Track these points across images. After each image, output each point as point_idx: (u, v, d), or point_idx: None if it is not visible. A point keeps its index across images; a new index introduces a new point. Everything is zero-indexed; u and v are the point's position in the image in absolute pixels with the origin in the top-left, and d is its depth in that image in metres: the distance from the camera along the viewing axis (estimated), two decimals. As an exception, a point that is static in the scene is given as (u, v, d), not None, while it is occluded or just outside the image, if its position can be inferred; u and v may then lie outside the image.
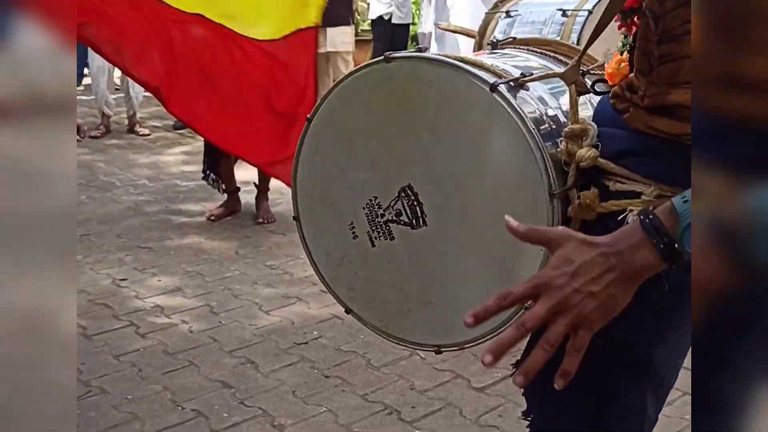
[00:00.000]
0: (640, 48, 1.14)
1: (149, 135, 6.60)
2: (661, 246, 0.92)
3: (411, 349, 1.49)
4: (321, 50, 6.80)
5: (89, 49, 6.16)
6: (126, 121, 6.74)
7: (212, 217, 4.49)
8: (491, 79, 1.21)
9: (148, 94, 7.20)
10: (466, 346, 1.34)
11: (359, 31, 9.41)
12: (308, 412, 2.61)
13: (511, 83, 1.26)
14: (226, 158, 4.47)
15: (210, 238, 4.24)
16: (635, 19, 1.23)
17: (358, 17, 9.76)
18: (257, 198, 4.56)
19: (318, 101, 1.39)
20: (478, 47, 2.45)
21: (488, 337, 1.29)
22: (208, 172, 4.54)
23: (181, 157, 5.94)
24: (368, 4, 8.23)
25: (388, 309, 1.39)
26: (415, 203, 1.29)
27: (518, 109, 1.19)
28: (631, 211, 1.11)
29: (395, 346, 3.01)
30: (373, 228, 1.34)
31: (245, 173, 4.70)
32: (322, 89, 7.23)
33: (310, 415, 2.59)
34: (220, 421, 2.56)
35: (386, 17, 7.61)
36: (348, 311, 1.45)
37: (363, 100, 1.34)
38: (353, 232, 1.36)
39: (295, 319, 3.28)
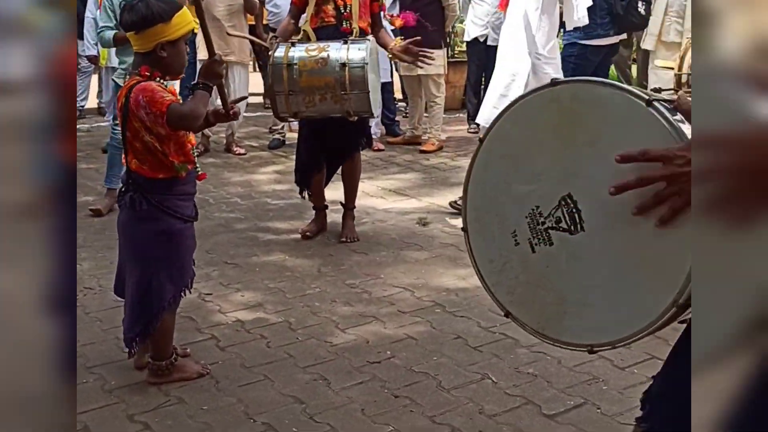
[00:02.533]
0: None
1: (245, 154, 6.82)
2: None
3: (565, 349, 1.60)
4: (413, 73, 6.89)
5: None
6: (224, 141, 6.98)
7: (308, 234, 4.57)
8: (647, 96, 1.35)
9: (247, 114, 7.48)
10: (618, 345, 1.48)
11: (456, 52, 9.44)
12: (375, 430, 2.63)
13: (666, 103, 1.39)
14: (317, 175, 4.57)
15: (294, 255, 4.33)
16: None
17: (456, 38, 9.80)
18: (344, 216, 4.63)
19: (490, 124, 1.59)
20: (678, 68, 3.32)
21: (643, 334, 1.42)
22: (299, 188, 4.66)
23: (273, 176, 6.10)
24: (465, 26, 8.25)
25: (545, 312, 1.53)
26: (574, 210, 1.44)
27: (673, 122, 1.31)
28: None
29: (467, 369, 3.01)
30: (534, 235, 1.50)
31: (332, 193, 4.79)
32: (413, 110, 7.30)
33: (376, 434, 2.61)
34: (288, 435, 2.61)
35: (481, 39, 7.60)
36: (507, 315, 1.62)
37: (531, 120, 1.51)
38: (515, 240, 1.53)
39: (370, 338, 3.30)
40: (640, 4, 5.73)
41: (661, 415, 1.42)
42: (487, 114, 5.04)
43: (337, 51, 4.17)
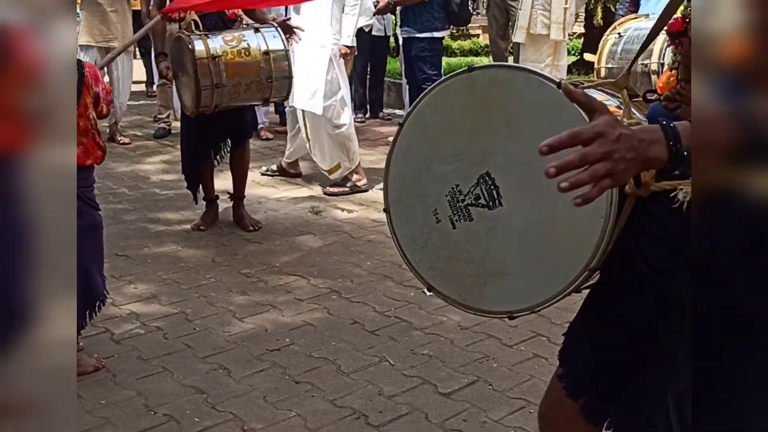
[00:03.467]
0: (685, 63, 1.45)
1: (129, 144, 6.65)
2: (673, 149, 1.19)
3: (486, 317, 1.71)
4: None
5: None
6: (107, 130, 6.77)
7: (201, 227, 4.51)
8: (557, 79, 1.45)
9: (130, 102, 7.29)
10: (537, 309, 1.56)
11: (341, 42, 9.50)
12: (278, 416, 2.68)
13: (575, 85, 1.50)
14: (207, 168, 4.53)
15: (187, 246, 4.30)
16: (681, 40, 1.53)
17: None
18: (236, 207, 4.61)
19: (409, 108, 1.66)
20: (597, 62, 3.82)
21: (557, 299, 1.52)
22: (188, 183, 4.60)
23: (161, 166, 5.99)
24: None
25: (466, 283, 1.62)
26: (492, 187, 1.53)
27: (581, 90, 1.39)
28: (681, 189, 1.37)
29: (365, 353, 3.10)
30: (455, 212, 1.59)
31: (220, 183, 4.77)
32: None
33: (279, 420, 2.66)
34: (191, 425, 2.62)
35: (366, 29, 7.69)
36: (430, 288, 1.68)
37: (449, 104, 1.59)
38: (436, 217, 1.61)
39: (268, 326, 3.34)
40: (469, 3, 6.56)
41: (578, 370, 1.58)
42: (297, 98, 5.15)
43: (255, 40, 4.22)
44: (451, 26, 6.87)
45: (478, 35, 11.79)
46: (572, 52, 10.84)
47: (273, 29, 4.33)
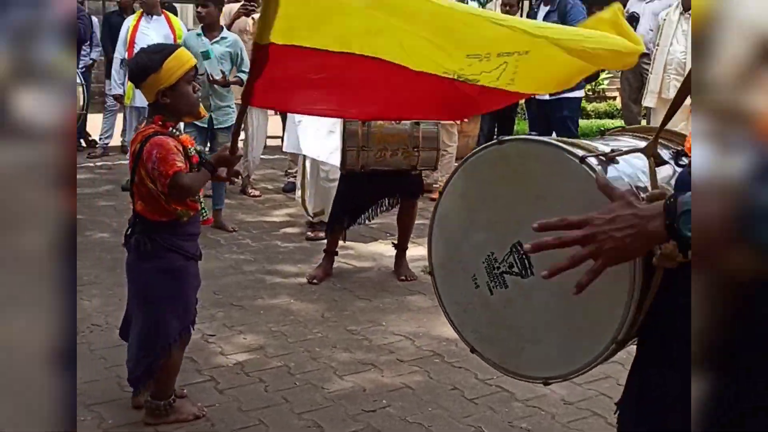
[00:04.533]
0: None
1: (259, 196, 6.91)
2: (667, 222, 1.25)
3: (524, 381, 1.83)
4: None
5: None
6: (239, 182, 7.07)
7: (314, 281, 4.64)
8: (580, 154, 1.49)
9: (264, 156, 7.60)
10: (570, 376, 1.61)
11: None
12: (365, 480, 2.65)
13: (601, 158, 1.53)
14: (348, 223, 4.76)
15: (299, 299, 4.38)
16: None
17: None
18: (399, 257, 4.84)
19: (448, 177, 1.75)
20: None
21: (588, 368, 1.55)
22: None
23: (286, 219, 6.19)
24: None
25: (506, 347, 1.68)
26: (524, 256, 1.58)
27: (602, 175, 1.44)
28: None
29: (461, 421, 3.03)
30: (491, 279, 1.65)
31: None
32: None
33: (365, 484, 2.62)
34: (279, 481, 2.63)
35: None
36: (473, 351, 1.74)
37: (482, 175, 1.68)
38: (475, 283, 1.67)
39: (367, 386, 3.33)
40: None
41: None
42: (316, 148, 5.21)
43: None
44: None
45: (614, 97, 11.54)
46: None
47: None
